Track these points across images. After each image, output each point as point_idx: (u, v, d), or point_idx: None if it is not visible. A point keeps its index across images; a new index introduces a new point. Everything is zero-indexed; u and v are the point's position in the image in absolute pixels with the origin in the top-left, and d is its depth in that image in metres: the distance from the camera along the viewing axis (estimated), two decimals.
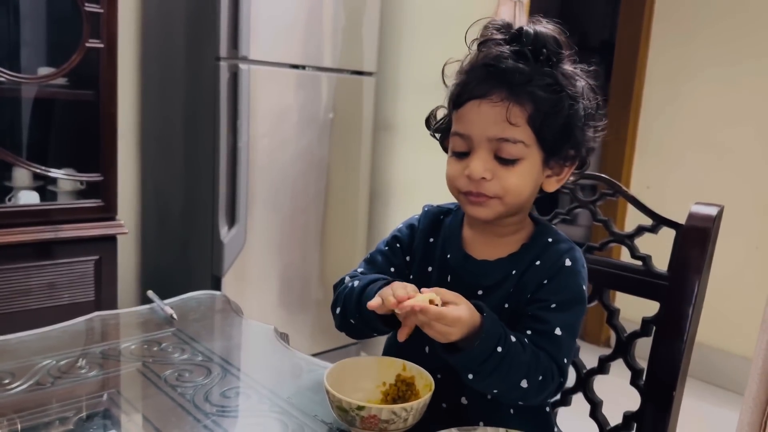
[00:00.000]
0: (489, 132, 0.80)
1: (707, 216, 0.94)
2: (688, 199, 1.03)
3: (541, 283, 0.84)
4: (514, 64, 0.79)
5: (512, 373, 0.78)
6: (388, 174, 2.61)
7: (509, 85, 0.79)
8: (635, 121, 2.91)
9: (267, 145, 2.18)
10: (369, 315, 0.82)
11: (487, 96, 0.80)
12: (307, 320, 2.40)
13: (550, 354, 0.81)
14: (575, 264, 0.86)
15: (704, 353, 2.17)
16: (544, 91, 0.80)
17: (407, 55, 2.56)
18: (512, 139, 0.80)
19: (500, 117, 0.79)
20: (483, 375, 0.77)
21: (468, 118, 0.82)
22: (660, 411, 0.95)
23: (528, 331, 0.82)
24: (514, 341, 0.78)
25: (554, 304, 0.83)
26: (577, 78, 0.84)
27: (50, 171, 1.80)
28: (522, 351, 0.78)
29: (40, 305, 1.73)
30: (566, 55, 0.84)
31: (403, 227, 0.98)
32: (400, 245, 0.96)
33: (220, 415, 0.80)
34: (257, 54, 2.08)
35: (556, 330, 0.81)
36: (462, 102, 0.83)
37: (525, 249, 0.88)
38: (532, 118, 0.80)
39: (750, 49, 2.52)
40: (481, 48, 0.85)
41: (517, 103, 0.79)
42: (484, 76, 0.81)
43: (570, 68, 0.84)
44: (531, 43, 0.81)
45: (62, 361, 0.91)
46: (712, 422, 2.29)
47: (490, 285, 0.87)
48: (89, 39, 1.74)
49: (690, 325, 0.93)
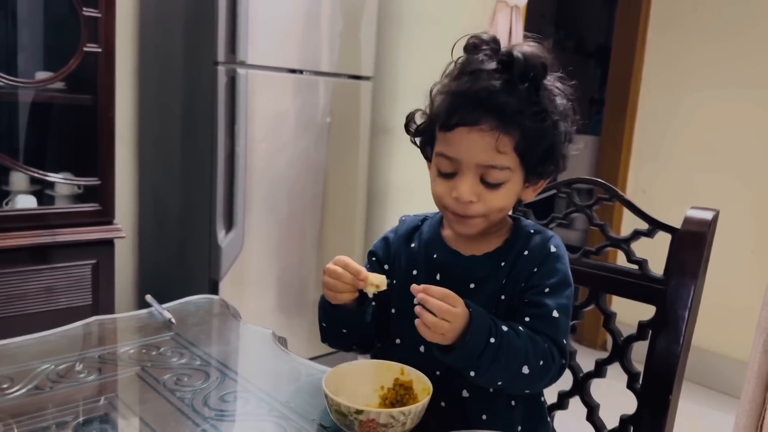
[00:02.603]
0: (477, 159, 0.83)
1: (703, 220, 0.95)
2: (683, 203, 1.04)
3: (532, 271, 0.88)
4: (506, 97, 0.81)
5: (511, 361, 0.79)
6: (386, 178, 2.62)
7: (500, 115, 0.81)
8: (631, 126, 2.92)
9: (265, 149, 2.18)
10: (335, 311, 0.90)
11: (477, 124, 0.81)
12: (305, 324, 2.40)
13: (549, 336, 0.83)
14: (559, 249, 0.90)
15: (700, 357, 2.17)
16: (531, 121, 0.82)
17: (404, 59, 2.57)
18: (499, 166, 0.83)
19: (489, 146, 0.81)
20: (483, 369, 0.79)
21: (457, 144, 0.83)
22: (656, 414, 0.95)
23: (526, 317, 0.85)
24: (506, 330, 0.80)
25: (547, 288, 0.86)
26: (559, 95, 0.86)
27: (48, 175, 1.80)
28: (516, 337, 0.80)
29: (37, 309, 1.73)
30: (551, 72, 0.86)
31: (377, 241, 1.02)
32: (376, 258, 1.00)
33: (219, 419, 0.80)
34: (255, 58, 2.09)
35: (554, 312, 0.85)
36: (451, 126, 0.84)
37: (509, 242, 0.92)
38: (519, 145, 0.82)
39: (745, 54, 2.54)
40: (470, 68, 0.85)
41: (506, 132, 0.81)
42: (475, 105, 0.81)
43: (553, 85, 0.86)
44: (521, 71, 0.82)
45: (60, 366, 0.91)
46: (709, 425, 2.29)
47: (480, 278, 0.90)
48: (87, 43, 1.75)
49: (686, 329, 0.94)
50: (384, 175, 2.62)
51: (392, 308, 0.96)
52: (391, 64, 2.59)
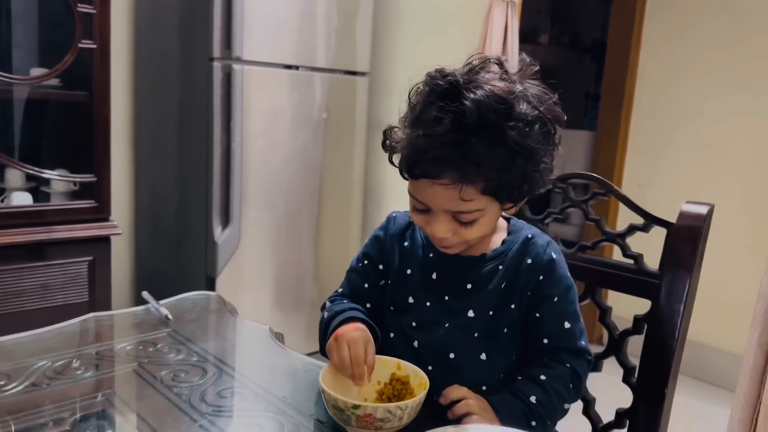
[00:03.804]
0: (445, 206, 0.82)
1: (698, 215, 0.95)
2: (679, 197, 1.04)
3: (537, 280, 0.89)
4: (462, 152, 0.76)
5: (555, 415, 0.87)
6: (382, 174, 2.62)
7: (460, 169, 0.77)
8: (627, 121, 2.92)
9: (261, 145, 2.18)
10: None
11: (439, 178, 0.79)
12: (302, 320, 2.40)
13: (569, 349, 0.89)
14: (558, 255, 0.92)
15: (696, 350, 2.18)
16: (495, 168, 0.78)
17: (400, 54, 2.57)
18: (468, 210, 0.81)
19: (454, 197, 0.79)
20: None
21: (423, 193, 0.82)
22: (652, 408, 0.96)
23: (545, 339, 0.90)
24: (535, 402, 0.85)
25: (556, 297, 0.89)
26: (533, 110, 0.80)
27: (43, 172, 1.79)
28: (546, 397, 0.85)
29: (34, 306, 1.73)
30: (520, 95, 0.79)
31: (368, 242, 1.01)
32: (370, 260, 1.00)
33: (216, 415, 0.80)
34: (251, 54, 2.08)
35: (566, 324, 0.89)
36: (415, 176, 0.82)
37: (506, 244, 0.92)
38: (487, 189, 0.80)
39: (741, 48, 2.54)
40: (424, 125, 0.79)
41: (469, 183, 0.78)
42: (434, 161, 0.78)
43: (524, 105, 0.79)
44: (475, 121, 0.76)
45: (57, 362, 0.91)
46: (704, 419, 2.31)
47: (477, 279, 0.90)
48: (82, 39, 1.74)
49: (681, 323, 0.94)
50: (380, 171, 2.62)
51: (390, 306, 0.97)
52: (387, 60, 2.59)
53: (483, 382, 0.89)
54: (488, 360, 0.90)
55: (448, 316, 0.91)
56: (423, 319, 0.92)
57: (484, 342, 0.90)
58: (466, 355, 0.90)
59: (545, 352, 0.90)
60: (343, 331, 0.85)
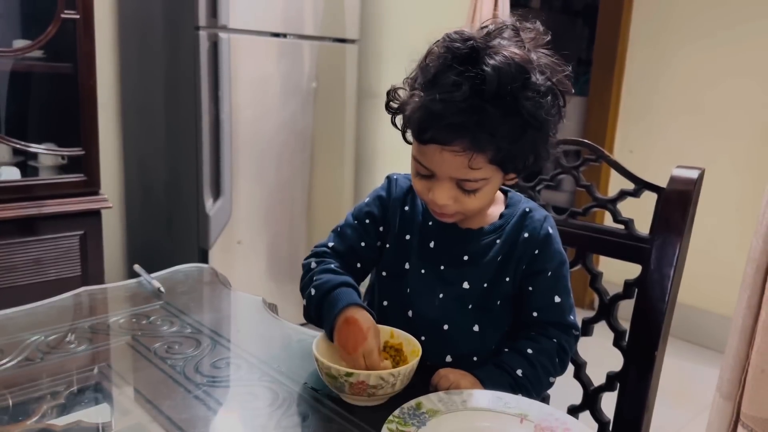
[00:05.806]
0: (451, 173, 0.81)
1: (688, 179, 0.95)
2: (670, 162, 1.04)
3: (533, 254, 0.90)
4: (479, 118, 0.75)
5: (540, 388, 0.88)
6: (373, 142, 2.60)
7: (472, 137, 0.76)
8: (618, 86, 2.91)
9: (250, 115, 2.16)
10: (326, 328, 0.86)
11: (449, 145, 0.77)
12: (295, 290, 2.38)
13: (558, 322, 0.90)
14: (554, 230, 0.92)
15: (685, 313, 2.21)
16: (507, 138, 0.77)
17: (390, 21, 2.53)
18: (474, 178, 0.81)
19: (462, 164, 0.78)
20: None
21: (430, 157, 0.81)
22: (642, 371, 0.97)
23: (534, 312, 0.90)
24: (521, 375, 0.85)
25: (549, 272, 0.90)
26: (546, 81, 0.79)
27: (30, 146, 1.77)
28: (532, 370, 0.86)
29: (26, 281, 1.72)
30: (535, 66, 0.78)
31: (371, 201, 0.98)
32: (372, 219, 0.97)
33: (211, 386, 0.80)
34: (237, 22, 2.05)
35: (555, 298, 0.90)
36: (424, 141, 0.80)
37: (504, 217, 0.92)
38: (495, 158, 0.79)
39: (733, 12, 2.52)
40: (440, 88, 0.77)
41: (480, 151, 0.77)
42: (446, 127, 0.76)
43: (538, 74, 0.78)
44: (495, 88, 0.75)
45: (51, 337, 0.92)
46: (693, 380, 2.35)
47: (475, 251, 0.90)
48: (64, 10, 1.70)
49: (671, 287, 0.95)
50: (371, 140, 2.61)
51: (382, 271, 0.96)
52: (377, 27, 2.55)
53: (475, 353, 0.90)
54: (481, 332, 0.90)
55: (443, 285, 0.91)
56: (417, 286, 0.92)
57: (478, 314, 0.90)
58: (459, 327, 0.90)
59: (534, 325, 0.90)
60: (356, 341, 0.80)
